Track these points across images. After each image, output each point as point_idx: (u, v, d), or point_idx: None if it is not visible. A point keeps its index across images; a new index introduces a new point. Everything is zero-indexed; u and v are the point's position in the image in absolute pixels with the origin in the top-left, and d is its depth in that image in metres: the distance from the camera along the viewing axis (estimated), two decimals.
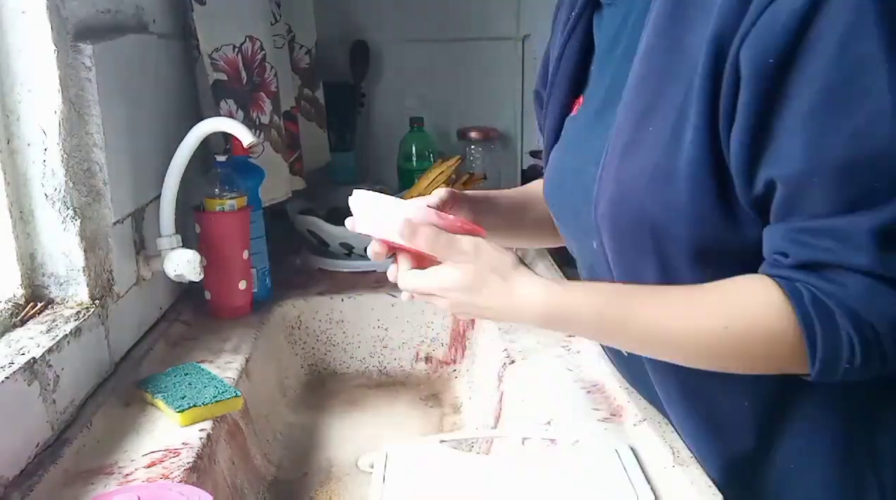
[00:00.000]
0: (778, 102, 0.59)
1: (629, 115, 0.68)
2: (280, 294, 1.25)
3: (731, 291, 0.65)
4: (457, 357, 1.26)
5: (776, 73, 0.58)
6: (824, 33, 0.56)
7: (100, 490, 0.71)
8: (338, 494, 0.93)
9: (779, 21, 0.56)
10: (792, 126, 0.58)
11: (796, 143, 0.58)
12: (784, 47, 0.57)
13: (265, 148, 1.28)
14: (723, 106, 0.61)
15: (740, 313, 0.64)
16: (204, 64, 1.20)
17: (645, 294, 0.68)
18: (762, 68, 0.58)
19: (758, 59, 0.58)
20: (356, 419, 1.12)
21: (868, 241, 0.58)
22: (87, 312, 0.86)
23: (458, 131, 1.76)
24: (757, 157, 0.61)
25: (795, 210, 0.61)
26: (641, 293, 0.68)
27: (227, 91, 1.22)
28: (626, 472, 0.73)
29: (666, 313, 0.66)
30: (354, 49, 1.74)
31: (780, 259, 0.63)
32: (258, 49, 1.25)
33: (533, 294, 0.68)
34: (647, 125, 0.66)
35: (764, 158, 0.60)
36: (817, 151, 0.58)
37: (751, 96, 0.59)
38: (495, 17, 1.78)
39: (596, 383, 0.93)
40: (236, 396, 0.87)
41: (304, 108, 1.53)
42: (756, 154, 0.61)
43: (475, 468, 0.77)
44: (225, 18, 1.20)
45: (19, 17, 0.80)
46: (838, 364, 0.61)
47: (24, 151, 0.83)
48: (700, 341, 0.65)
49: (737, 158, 0.61)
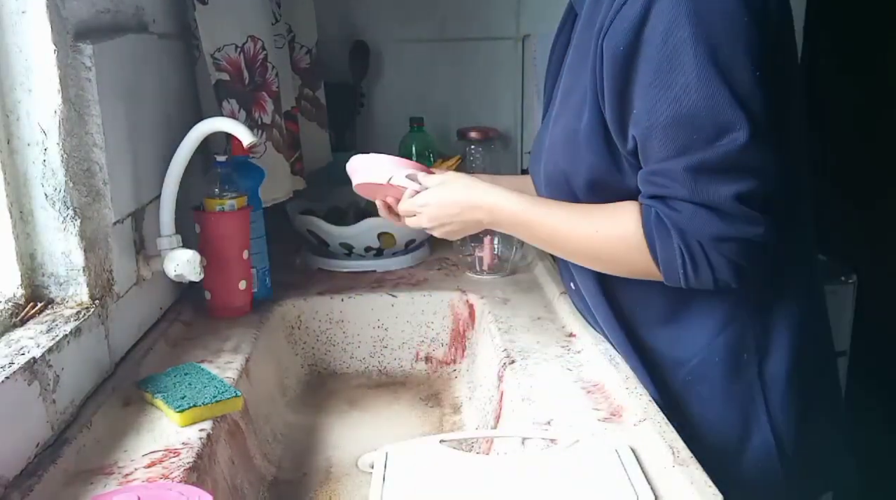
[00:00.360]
0: (629, 79, 0.79)
1: (561, 96, 0.92)
2: (280, 294, 1.25)
3: (609, 208, 0.87)
4: (457, 357, 1.26)
5: (624, 58, 0.78)
6: (654, 27, 0.75)
7: (100, 490, 0.71)
8: (338, 494, 0.93)
9: (626, 19, 0.77)
10: (638, 96, 0.79)
11: (641, 109, 0.79)
12: (629, 38, 0.77)
13: (267, 148, 1.28)
14: (598, 84, 0.83)
15: (610, 223, 0.85)
16: (206, 64, 1.20)
17: (553, 205, 0.92)
18: (615, 55, 0.78)
19: (612, 48, 0.79)
20: (356, 419, 1.12)
21: (684, 177, 0.77)
22: (87, 312, 0.86)
23: (458, 131, 1.76)
24: (624, 120, 0.81)
25: (646, 158, 0.81)
26: (553, 205, 0.92)
27: (230, 91, 1.21)
28: (626, 472, 0.73)
29: (562, 217, 0.90)
30: (354, 49, 1.74)
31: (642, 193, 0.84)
32: (260, 49, 1.25)
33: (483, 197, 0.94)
34: (568, 102, 0.89)
35: (629, 121, 0.81)
36: (652, 115, 0.78)
37: (610, 75, 0.80)
38: (495, 17, 1.77)
39: (596, 383, 0.93)
40: (236, 396, 0.87)
41: (304, 108, 1.53)
42: (623, 118, 0.81)
43: (475, 468, 0.77)
44: (227, 18, 1.20)
45: (19, 17, 0.80)
46: (676, 270, 0.81)
47: (24, 151, 0.83)
48: (579, 242, 0.88)
49: (611, 122, 0.83)
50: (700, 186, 0.77)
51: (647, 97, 0.77)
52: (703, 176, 0.77)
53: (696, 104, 0.75)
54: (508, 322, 1.13)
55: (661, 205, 0.81)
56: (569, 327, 1.09)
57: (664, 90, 0.76)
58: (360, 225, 1.33)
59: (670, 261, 0.81)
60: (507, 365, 1.00)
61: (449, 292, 1.27)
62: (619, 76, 0.79)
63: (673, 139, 0.77)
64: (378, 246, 1.35)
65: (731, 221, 0.77)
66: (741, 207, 0.77)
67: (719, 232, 0.78)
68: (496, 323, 1.13)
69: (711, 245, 0.79)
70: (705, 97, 0.74)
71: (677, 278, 0.82)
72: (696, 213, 0.78)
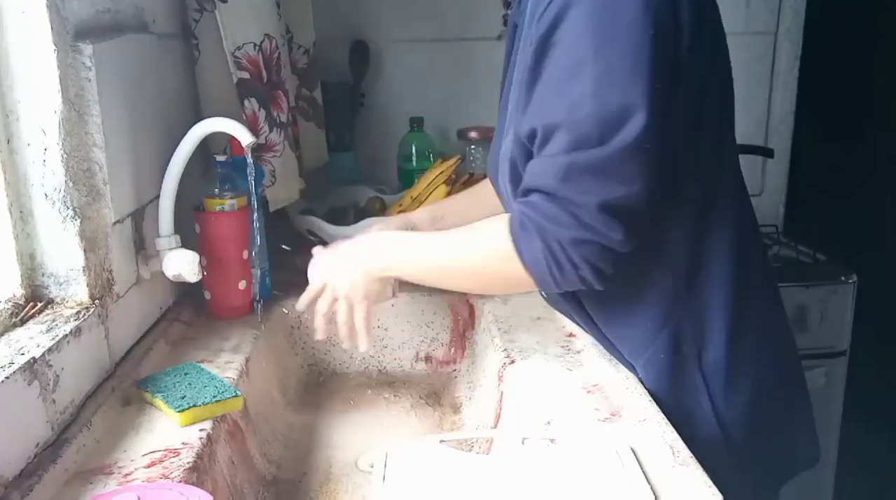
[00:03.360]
0: (536, 73, 0.82)
1: (504, 102, 0.98)
2: (280, 294, 1.25)
3: (484, 224, 0.90)
4: (457, 357, 1.26)
5: (536, 59, 0.81)
6: (561, 36, 0.79)
7: (100, 490, 0.71)
8: (338, 494, 0.93)
9: (542, 25, 0.80)
10: (539, 92, 0.82)
11: (539, 106, 0.82)
12: (541, 42, 0.80)
13: (285, 147, 1.28)
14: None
15: (483, 237, 0.88)
16: (206, 64, 1.20)
17: (429, 239, 0.97)
18: (530, 55, 0.82)
19: (531, 48, 0.82)
20: (356, 419, 1.12)
21: (558, 173, 0.79)
22: (87, 312, 0.86)
23: (458, 131, 1.76)
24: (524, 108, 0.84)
25: (538, 150, 0.83)
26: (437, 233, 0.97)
27: (250, 90, 1.21)
28: (626, 472, 0.73)
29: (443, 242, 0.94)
30: (354, 49, 1.74)
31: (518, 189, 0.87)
32: (275, 47, 1.25)
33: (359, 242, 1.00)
34: (507, 103, 0.94)
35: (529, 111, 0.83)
36: (548, 115, 0.81)
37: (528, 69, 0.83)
38: (495, 17, 1.77)
39: (596, 383, 0.93)
40: (236, 396, 0.87)
41: (302, 108, 1.53)
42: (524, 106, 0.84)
43: (475, 468, 0.77)
44: (246, 17, 1.20)
45: (19, 17, 0.80)
46: (544, 271, 0.82)
47: (24, 151, 0.83)
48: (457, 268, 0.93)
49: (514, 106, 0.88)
50: (569, 185, 0.79)
51: (547, 97, 0.81)
52: (576, 176, 0.79)
53: (589, 114, 0.77)
54: (508, 322, 1.13)
55: (525, 206, 0.83)
56: (569, 327, 1.09)
57: (562, 96, 0.79)
58: (360, 225, 1.33)
59: (537, 262, 0.82)
60: (507, 365, 1.00)
61: (449, 292, 1.27)
62: (532, 68, 0.82)
63: (564, 139, 0.79)
64: None
65: (588, 226, 0.79)
66: (601, 215, 0.79)
67: (576, 235, 0.80)
68: (496, 323, 1.13)
69: (570, 246, 0.80)
70: (598, 107, 0.77)
71: (547, 281, 0.83)
72: (557, 214, 0.80)
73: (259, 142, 1.25)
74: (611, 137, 0.77)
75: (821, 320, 1.72)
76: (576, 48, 0.78)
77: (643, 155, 0.78)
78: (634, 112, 0.76)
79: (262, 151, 1.25)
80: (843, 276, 1.74)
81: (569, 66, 0.78)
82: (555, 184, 0.80)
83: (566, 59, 0.79)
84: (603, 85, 0.77)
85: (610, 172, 0.78)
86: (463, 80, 1.80)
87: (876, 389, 1.96)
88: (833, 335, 1.75)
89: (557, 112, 0.79)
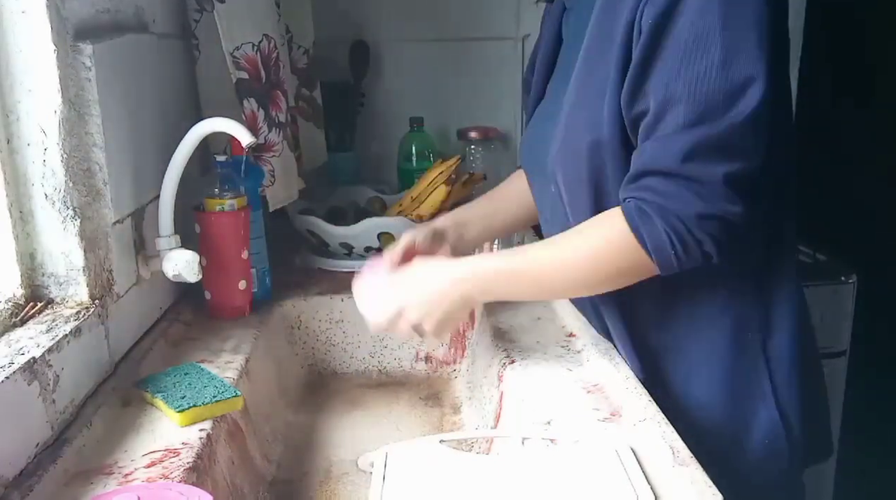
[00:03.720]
0: (656, 49, 0.80)
1: (576, 83, 0.90)
2: (280, 294, 1.25)
3: (589, 223, 0.87)
4: (457, 357, 1.26)
5: (657, 27, 0.79)
6: (686, 9, 0.78)
7: (100, 490, 0.71)
8: (338, 494, 0.93)
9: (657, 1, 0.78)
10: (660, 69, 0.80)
11: (660, 81, 0.80)
12: (662, 15, 0.78)
13: (283, 147, 1.28)
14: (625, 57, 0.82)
15: (595, 233, 0.85)
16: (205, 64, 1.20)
17: (531, 246, 0.92)
18: (650, 27, 0.79)
19: (648, 22, 0.79)
20: (356, 419, 1.12)
21: (681, 151, 0.78)
22: (87, 312, 0.86)
23: (458, 131, 1.76)
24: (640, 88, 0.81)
25: (653, 129, 0.81)
26: (530, 246, 0.92)
27: (250, 90, 1.21)
28: (625, 472, 0.73)
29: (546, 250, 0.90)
30: (354, 49, 1.74)
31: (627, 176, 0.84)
32: (273, 47, 1.25)
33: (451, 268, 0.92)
34: (587, 89, 0.88)
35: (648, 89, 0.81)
36: (671, 89, 0.79)
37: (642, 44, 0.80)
38: (495, 17, 1.78)
39: (596, 383, 0.93)
40: (236, 396, 0.87)
41: (301, 108, 1.53)
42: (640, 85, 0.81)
43: (475, 468, 0.77)
44: (244, 17, 1.20)
45: (19, 17, 0.79)
46: (668, 253, 0.81)
47: (24, 151, 0.83)
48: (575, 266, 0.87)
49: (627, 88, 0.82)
50: (692, 163, 0.79)
51: (670, 71, 0.79)
52: (700, 152, 0.79)
53: (714, 86, 0.77)
54: (508, 322, 1.13)
55: (641, 191, 0.82)
56: (569, 327, 1.09)
57: (687, 69, 0.78)
58: (360, 225, 1.33)
59: (660, 246, 0.81)
60: (507, 365, 1.00)
61: None
62: (648, 44, 0.80)
63: (685, 114, 0.79)
64: (378, 246, 1.35)
65: (712, 200, 0.79)
66: (725, 188, 0.79)
67: (700, 210, 0.80)
68: (496, 323, 1.13)
69: (694, 222, 0.80)
70: (725, 79, 0.77)
71: (671, 262, 0.82)
72: (679, 191, 0.80)
73: (258, 142, 1.25)
74: (734, 109, 0.77)
75: (821, 320, 1.72)
76: (702, 20, 0.77)
77: (761, 127, 0.79)
78: (754, 84, 0.77)
79: (262, 151, 1.25)
80: (843, 276, 1.74)
81: (692, 40, 0.78)
82: (675, 163, 0.79)
83: (691, 32, 0.78)
84: (731, 56, 0.77)
85: (733, 144, 0.78)
86: (463, 80, 1.80)
87: (876, 389, 1.96)
88: (833, 335, 1.76)
89: (678, 86, 0.79)
